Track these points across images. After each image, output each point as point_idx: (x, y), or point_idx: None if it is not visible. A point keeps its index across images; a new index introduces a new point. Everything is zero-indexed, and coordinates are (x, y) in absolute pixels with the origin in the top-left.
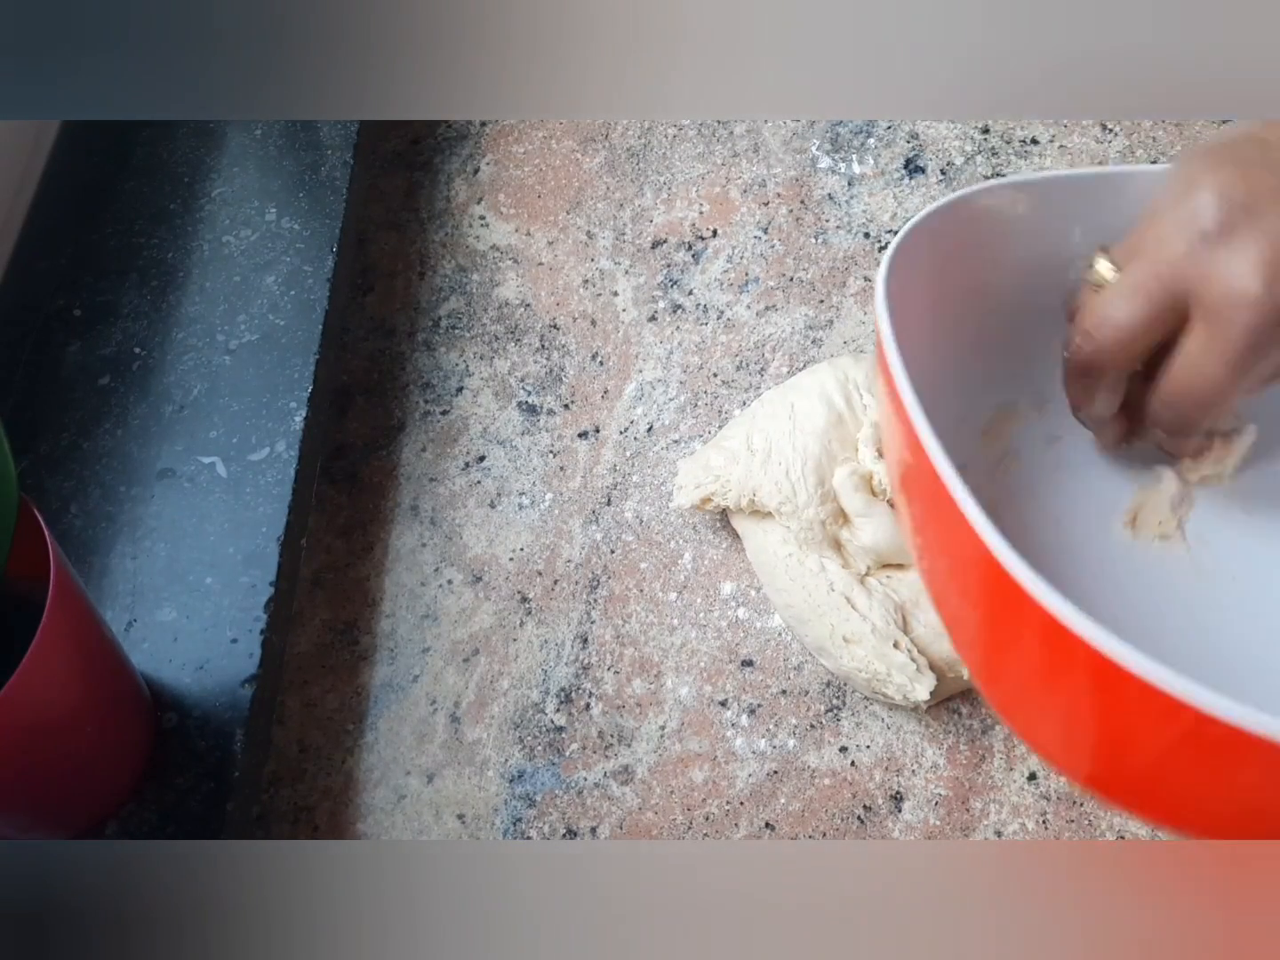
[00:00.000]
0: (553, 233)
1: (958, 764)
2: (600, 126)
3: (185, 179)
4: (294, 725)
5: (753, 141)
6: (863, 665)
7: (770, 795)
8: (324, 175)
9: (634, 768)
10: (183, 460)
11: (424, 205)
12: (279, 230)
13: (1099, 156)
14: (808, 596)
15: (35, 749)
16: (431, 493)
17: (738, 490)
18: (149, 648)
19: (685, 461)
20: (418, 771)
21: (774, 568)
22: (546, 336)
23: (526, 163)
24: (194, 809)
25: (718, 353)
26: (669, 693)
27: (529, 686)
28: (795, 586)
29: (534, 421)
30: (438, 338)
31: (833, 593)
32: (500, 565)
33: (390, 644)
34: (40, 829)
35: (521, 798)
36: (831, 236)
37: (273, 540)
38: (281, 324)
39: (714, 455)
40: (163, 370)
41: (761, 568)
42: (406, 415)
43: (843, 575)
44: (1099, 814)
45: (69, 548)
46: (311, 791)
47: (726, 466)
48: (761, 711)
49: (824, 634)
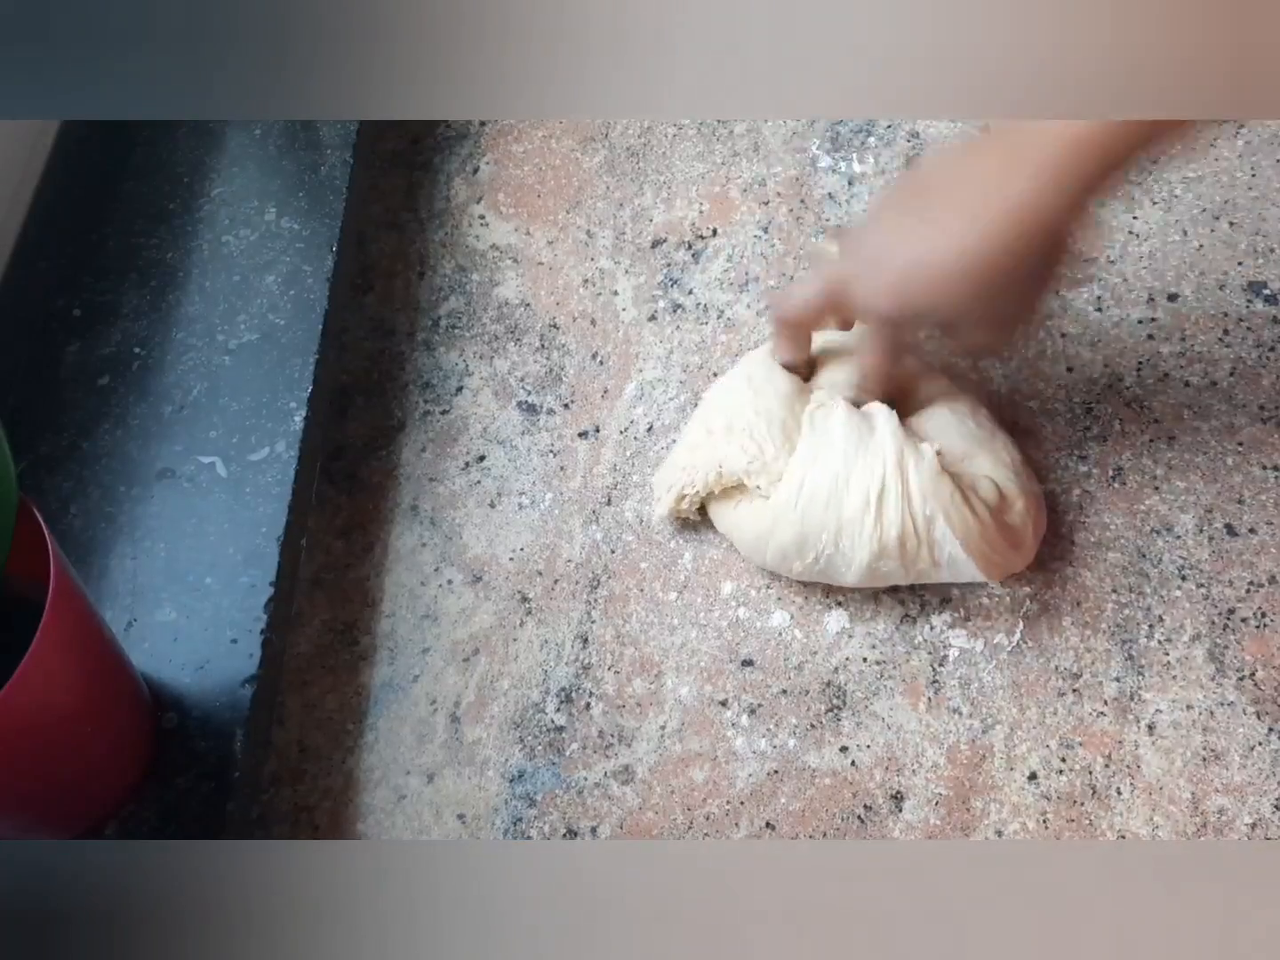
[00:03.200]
0: (552, 232)
1: (958, 763)
2: (600, 126)
3: (185, 179)
4: (294, 725)
5: (753, 141)
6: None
7: (770, 795)
8: (324, 175)
9: (634, 767)
10: (182, 460)
11: (424, 205)
12: (279, 230)
13: None
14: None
15: (35, 749)
16: (431, 493)
17: (704, 471)
18: (149, 648)
19: (657, 473)
20: (418, 771)
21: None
22: (546, 336)
23: (526, 162)
24: (194, 809)
25: (718, 352)
26: (669, 693)
27: (529, 686)
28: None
29: (534, 421)
30: (437, 337)
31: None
32: (500, 565)
33: (390, 644)
34: (40, 829)
35: (522, 798)
36: None
37: (272, 540)
38: (281, 324)
39: (678, 455)
40: (162, 370)
41: (742, 540)
42: (406, 415)
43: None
44: (1099, 814)
45: (69, 548)
46: (311, 792)
47: (689, 456)
48: (762, 711)
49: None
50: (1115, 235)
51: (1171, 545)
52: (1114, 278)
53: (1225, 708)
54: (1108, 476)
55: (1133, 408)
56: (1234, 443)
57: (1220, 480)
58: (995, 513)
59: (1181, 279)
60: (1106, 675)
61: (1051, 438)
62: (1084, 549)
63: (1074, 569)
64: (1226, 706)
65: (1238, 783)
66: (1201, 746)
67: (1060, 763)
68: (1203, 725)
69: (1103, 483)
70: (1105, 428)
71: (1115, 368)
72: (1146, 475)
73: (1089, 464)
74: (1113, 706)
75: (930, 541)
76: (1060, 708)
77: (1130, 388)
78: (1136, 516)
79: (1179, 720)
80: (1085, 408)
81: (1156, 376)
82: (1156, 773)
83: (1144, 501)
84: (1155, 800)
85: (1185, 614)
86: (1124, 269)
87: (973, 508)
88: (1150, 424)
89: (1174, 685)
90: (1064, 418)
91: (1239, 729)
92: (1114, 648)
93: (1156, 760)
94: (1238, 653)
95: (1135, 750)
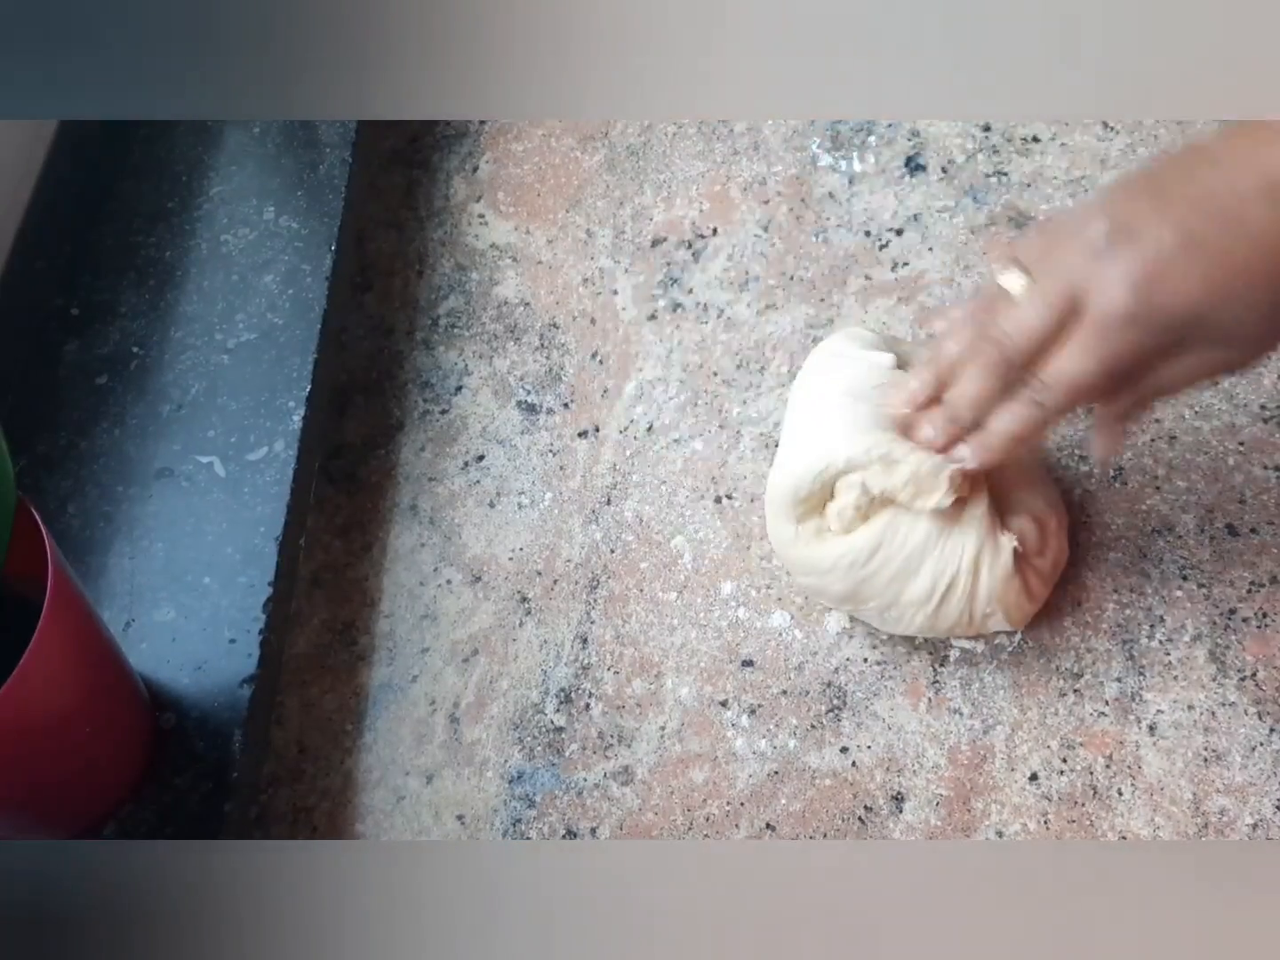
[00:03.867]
0: (552, 231)
1: (959, 764)
2: (600, 125)
3: (183, 178)
4: (293, 725)
5: (753, 140)
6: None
7: (771, 796)
8: (322, 174)
9: (634, 768)
10: (181, 460)
11: (423, 203)
12: (277, 229)
13: (1100, 155)
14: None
15: (34, 749)
16: (430, 492)
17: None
18: (147, 648)
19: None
20: (417, 772)
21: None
22: (546, 335)
23: (526, 161)
24: (192, 809)
25: (718, 351)
26: (669, 693)
27: (529, 687)
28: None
29: (533, 421)
30: (437, 336)
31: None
32: (500, 565)
33: (389, 644)
34: (39, 829)
35: (521, 798)
36: (832, 235)
37: (271, 540)
38: (280, 323)
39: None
40: (161, 369)
41: (786, 555)
42: (405, 414)
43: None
44: (1100, 814)
45: (67, 547)
46: (310, 792)
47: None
48: (762, 712)
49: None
50: None
51: (1172, 545)
52: None
53: (1226, 708)
54: (1108, 476)
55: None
56: (1235, 443)
57: (1221, 480)
58: (1033, 557)
59: None
60: (1107, 675)
61: (1051, 438)
62: (1085, 549)
63: (1074, 569)
64: (1228, 707)
65: (1239, 783)
66: (1203, 747)
67: (1061, 763)
68: (1204, 726)
69: (1103, 483)
70: None
71: None
72: (1147, 475)
73: (1089, 464)
74: (1114, 707)
75: (981, 624)
76: (1061, 708)
77: None
78: (1137, 516)
79: (1180, 721)
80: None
81: None
82: (1157, 773)
83: (1145, 501)
84: (1156, 801)
85: (1186, 614)
86: None
87: (1029, 589)
88: (1151, 424)
89: (1175, 685)
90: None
91: (1240, 729)
92: (1115, 648)
93: (1157, 761)
94: (1239, 653)
95: (1136, 751)
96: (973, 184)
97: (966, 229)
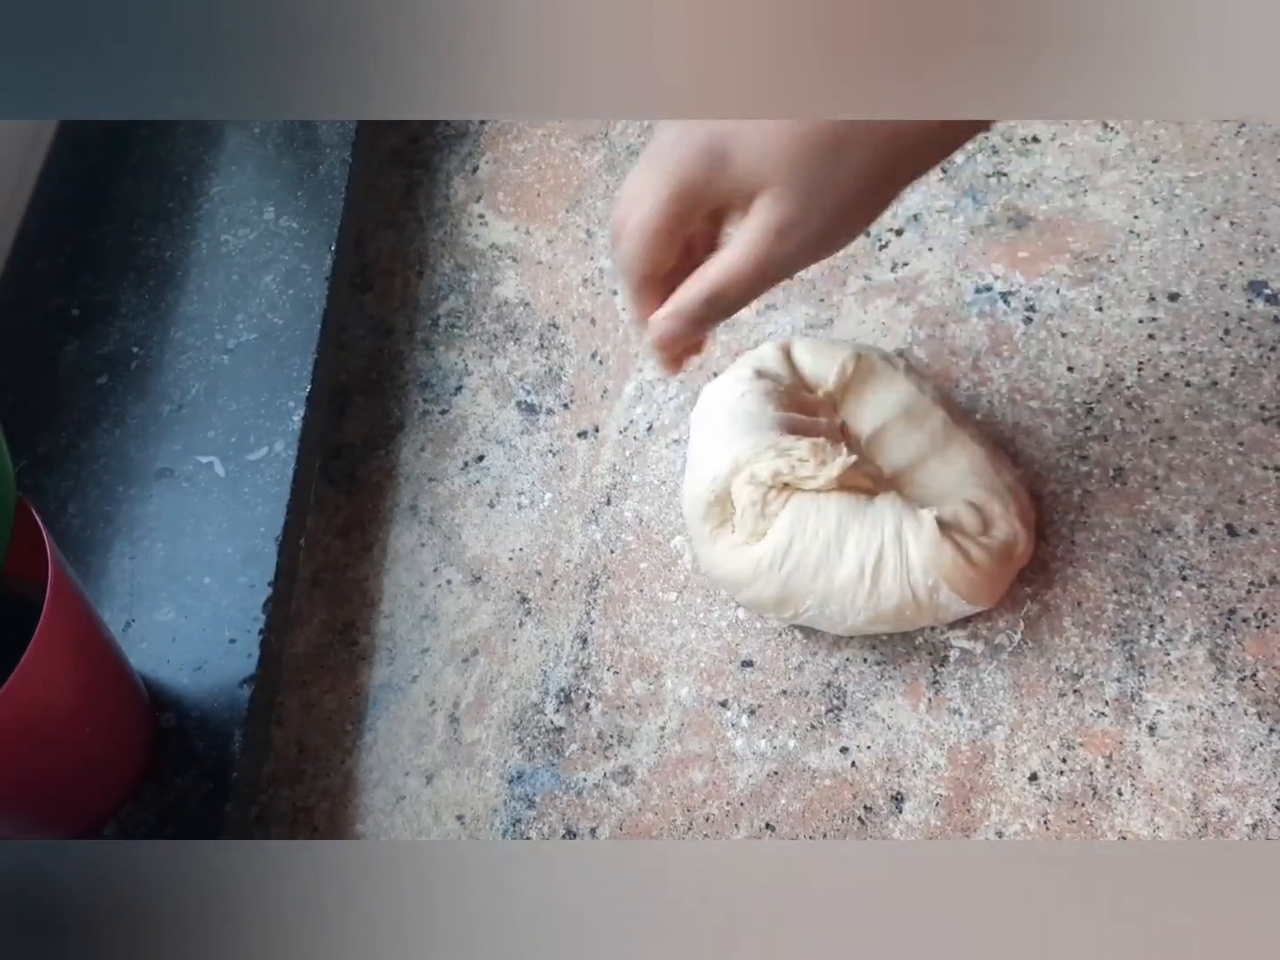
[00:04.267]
0: (552, 231)
1: (959, 764)
2: (600, 125)
3: (183, 178)
4: (293, 726)
5: None
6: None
7: (771, 796)
8: (322, 174)
9: (634, 768)
10: (181, 460)
11: (423, 204)
12: (277, 229)
13: (1100, 155)
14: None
15: (34, 749)
16: (430, 492)
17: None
18: (147, 648)
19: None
20: (417, 772)
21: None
22: (546, 335)
23: (526, 161)
24: (192, 809)
25: (718, 351)
26: (669, 693)
27: (528, 687)
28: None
29: (533, 421)
30: (436, 337)
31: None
32: (499, 565)
33: (389, 644)
34: (39, 829)
35: (521, 798)
36: None
37: (271, 540)
38: (280, 323)
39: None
40: (161, 369)
41: (715, 577)
42: (405, 415)
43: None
44: (1100, 814)
45: (67, 547)
46: (310, 792)
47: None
48: (762, 712)
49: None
50: (1116, 235)
51: (1172, 545)
52: (1115, 277)
53: (1226, 708)
54: (1108, 476)
55: (1133, 408)
56: (1235, 443)
57: (1221, 480)
58: (983, 535)
59: (1182, 278)
60: (1107, 676)
61: (1051, 438)
62: (1084, 549)
63: (1074, 569)
64: (1227, 707)
65: (1239, 783)
66: (1202, 747)
67: (1061, 763)
68: (1204, 726)
69: (1103, 483)
70: (1105, 428)
71: (1116, 367)
72: (1147, 475)
73: (1089, 464)
74: (1113, 707)
75: (935, 606)
76: (1061, 708)
77: (1131, 387)
78: (1137, 516)
79: (1180, 721)
80: (1086, 408)
81: (1157, 376)
82: (1157, 773)
83: (1145, 501)
84: (1156, 801)
85: (1186, 614)
86: (1125, 268)
87: (970, 558)
88: (1151, 424)
89: (1175, 686)
90: (1064, 418)
91: (1240, 729)
92: (1115, 648)
93: (1157, 761)
94: (1239, 653)
95: (1136, 751)
96: (972, 184)
97: (966, 229)
